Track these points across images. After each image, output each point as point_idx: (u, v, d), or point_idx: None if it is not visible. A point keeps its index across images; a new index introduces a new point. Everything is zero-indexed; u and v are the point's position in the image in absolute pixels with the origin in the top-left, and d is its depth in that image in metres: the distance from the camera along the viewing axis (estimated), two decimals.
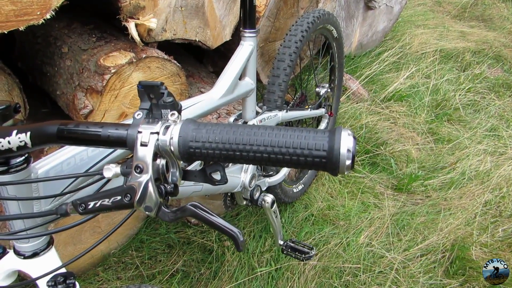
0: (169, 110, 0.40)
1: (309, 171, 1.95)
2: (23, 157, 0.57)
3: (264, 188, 1.44)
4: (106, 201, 0.40)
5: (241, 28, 1.12)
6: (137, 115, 0.41)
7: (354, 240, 1.66)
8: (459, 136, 2.26)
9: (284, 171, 1.51)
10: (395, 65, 2.80)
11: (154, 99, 0.41)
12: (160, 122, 0.38)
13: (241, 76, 1.16)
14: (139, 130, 0.38)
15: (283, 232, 1.72)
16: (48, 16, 0.96)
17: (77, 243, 1.50)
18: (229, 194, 1.38)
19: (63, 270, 0.65)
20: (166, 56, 1.28)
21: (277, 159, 0.36)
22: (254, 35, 1.13)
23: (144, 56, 1.21)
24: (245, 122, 1.22)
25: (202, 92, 1.65)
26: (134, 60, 1.19)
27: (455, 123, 2.41)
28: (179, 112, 0.47)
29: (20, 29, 0.94)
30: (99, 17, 1.47)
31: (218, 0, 1.43)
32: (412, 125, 2.32)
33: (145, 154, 0.38)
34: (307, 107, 1.67)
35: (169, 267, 1.61)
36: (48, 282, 0.62)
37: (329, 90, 1.74)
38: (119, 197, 0.40)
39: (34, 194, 0.62)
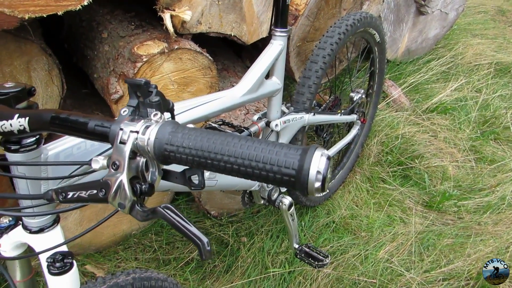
0: (154, 109, 0.40)
1: (337, 176, 1.90)
2: (35, 138, 0.60)
3: (283, 190, 1.43)
4: (83, 193, 0.41)
5: (272, 27, 1.10)
6: (123, 111, 0.42)
7: (373, 254, 1.61)
8: (505, 158, 2.10)
9: None
10: (443, 75, 2.65)
11: (141, 97, 0.41)
12: (142, 121, 0.39)
13: (268, 75, 1.15)
14: (121, 127, 0.39)
15: (301, 235, 1.69)
16: (85, 3, 1.00)
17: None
18: (247, 191, 1.38)
19: (64, 248, 0.68)
20: (198, 49, 1.29)
21: (247, 172, 0.34)
22: (285, 34, 1.11)
23: (176, 47, 1.23)
24: (269, 122, 1.21)
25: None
26: (166, 51, 1.21)
27: (502, 143, 2.24)
28: (171, 112, 0.47)
29: (59, 13, 0.99)
30: (141, 6, 1.51)
31: None
32: (453, 140, 2.19)
33: (122, 151, 0.38)
34: (339, 111, 1.63)
35: (185, 254, 1.64)
36: (47, 258, 0.65)
37: (363, 96, 1.68)
38: (95, 191, 0.41)
39: (43, 174, 0.65)
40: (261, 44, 1.62)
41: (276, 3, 1.06)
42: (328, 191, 1.82)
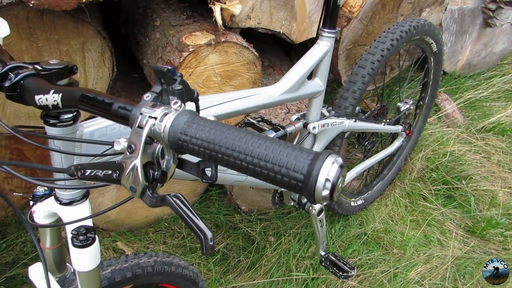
0: (175, 97, 0.40)
1: (375, 187, 1.83)
2: (72, 114, 0.62)
3: None
4: (100, 172, 0.42)
5: (320, 27, 1.08)
6: (146, 97, 0.42)
7: (404, 273, 1.53)
8: None
9: None
10: (506, 94, 2.45)
11: (165, 84, 0.41)
12: (162, 108, 0.39)
13: (311, 76, 1.12)
14: (141, 111, 0.39)
15: (329, 243, 1.65)
16: None
17: (135, 201, 1.63)
18: (278, 191, 1.37)
19: (89, 223, 0.70)
20: (245, 43, 1.29)
21: (255, 171, 0.33)
22: (333, 35, 1.08)
23: (223, 40, 1.24)
24: (307, 124, 1.19)
25: None
26: (212, 43, 1.22)
27: None
28: (195, 102, 0.46)
29: None
30: None
31: None
32: (508, 165, 2.03)
33: (139, 135, 0.38)
34: (384, 121, 1.56)
35: None
36: (72, 230, 0.68)
37: (412, 107, 1.59)
38: (110, 172, 0.41)
39: (77, 150, 0.68)
40: (311, 44, 1.60)
41: (327, 2, 1.03)
42: (364, 203, 1.76)
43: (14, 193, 0.84)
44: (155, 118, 0.38)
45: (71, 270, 0.86)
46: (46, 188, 0.75)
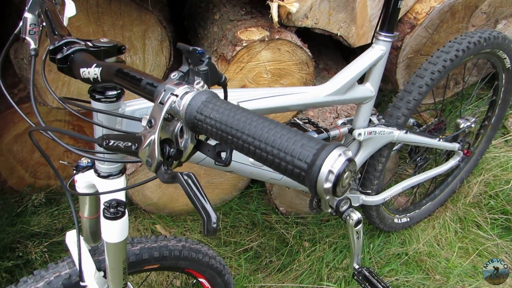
0: (200, 78, 0.40)
1: (423, 206, 1.72)
2: (116, 92, 0.65)
3: (355, 204, 1.34)
4: (121, 144, 0.44)
5: (377, 29, 1.03)
6: (173, 75, 0.43)
7: None
8: None
9: (384, 195, 1.37)
10: None
11: (191, 65, 0.42)
12: (184, 87, 0.39)
13: (362, 80, 1.08)
14: (165, 88, 0.40)
15: (365, 257, 1.58)
16: None
17: (177, 187, 1.68)
18: None
19: (122, 197, 0.73)
20: (299, 43, 1.28)
21: (261, 156, 0.32)
22: (390, 40, 1.03)
23: (277, 37, 1.23)
24: (352, 129, 1.15)
25: None
26: (266, 39, 1.23)
27: None
28: (223, 86, 0.46)
29: None
30: None
31: None
32: None
33: (159, 111, 0.39)
34: (441, 136, 1.46)
35: (246, 241, 1.66)
36: (105, 202, 0.71)
37: (473, 125, 1.47)
38: (130, 143, 0.43)
39: (117, 126, 0.71)
40: None
41: (386, 4, 0.99)
42: (410, 221, 1.66)
43: (60, 161, 0.90)
44: (177, 95, 0.39)
45: (103, 242, 0.91)
46: (89, 160, 0.79)
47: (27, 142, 1.60)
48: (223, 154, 0.39)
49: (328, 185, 0.29)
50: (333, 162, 0.29)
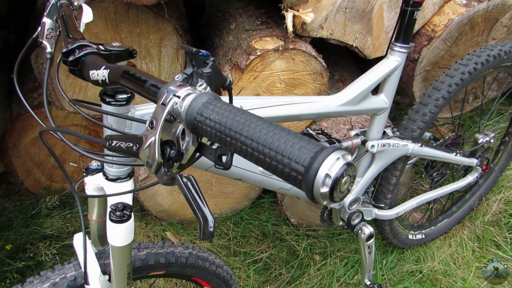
0: (203, 80, 0.40)
1: (440, 223, 1.67)
2: (126, 95, 0.66)
3: (368, 218, 1.31)
4: (123, 144, 0.44)
5: (392, 40, 1.02)
6: (177, 77, 0.43)
7: None
8: None
9: (398, 209, 1.34)
10: None
11: (195, 67, 0.42)
12: (187, 88, 0.39)
13: (376, 91, 1.07)
14: (168, 89, 0.40)
15: (378, 274, 1.54)
16: None
17: None
18: (328, 207, 1.31)
19: (128, 201, 0.73)
20: (313, 53, 1.28)
21: (259, 158, 0.31)
22: (405, 51, 1.01)
23: (291, 47, 1.23)
24: (365, 141, 1.13)
25: None
26: (280, 48, 1.23)
27: None
28: (228, 89, 0.46)
29: None
30: (273, 4, 1.56)
31: (391, 9, 1.33)
32: None
33: (161, 112, 0.39)
34: (458, 151, 1.42)
35: (256, 252, 1.64)
36: (111, 205, 0.71)
37: (492, 140, 1.43)
38: (131, 144, 0.43)
39: (127, 130, 0.71)
40: None
41: (402, 15, 0.98)
42: (425, 238, 1.61)
43: (70, 163, 0.91)
44: (179, 97, 0.38)
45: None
46: (99, 163, 0.80)
47: (44, 146, 1.63)
48: (224, 158, 0.39)
49: (325, 189, 0.28)
50: (331, 166, 0.28)
